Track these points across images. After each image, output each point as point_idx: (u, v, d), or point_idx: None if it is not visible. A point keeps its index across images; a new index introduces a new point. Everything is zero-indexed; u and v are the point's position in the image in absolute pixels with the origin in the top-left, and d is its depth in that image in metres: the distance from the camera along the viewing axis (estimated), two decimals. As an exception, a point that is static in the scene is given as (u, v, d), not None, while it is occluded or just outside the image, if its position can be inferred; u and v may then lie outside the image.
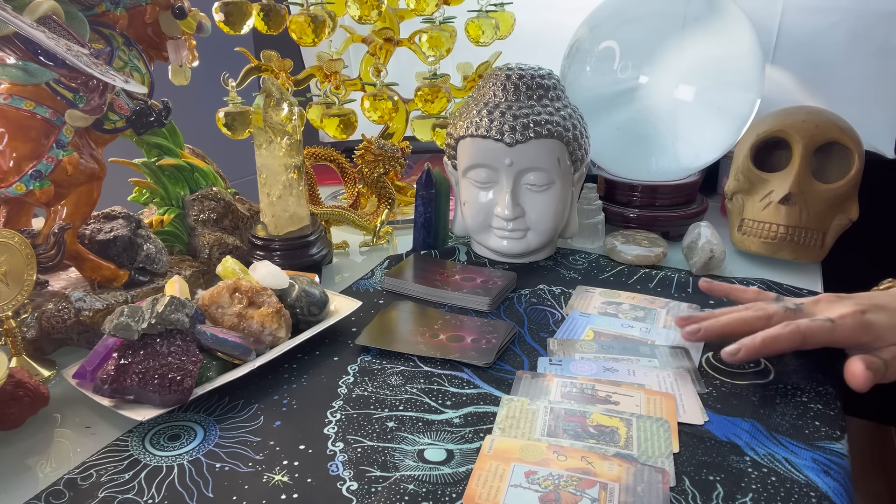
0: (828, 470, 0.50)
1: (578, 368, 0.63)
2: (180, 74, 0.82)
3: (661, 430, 0.53)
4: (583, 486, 0.48)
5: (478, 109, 0.82)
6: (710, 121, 0.96)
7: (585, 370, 0.63)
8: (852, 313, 0.57)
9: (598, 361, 0.64)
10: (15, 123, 0.65)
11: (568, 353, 0.66)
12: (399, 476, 0.50)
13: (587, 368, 0.63)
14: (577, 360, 0.64)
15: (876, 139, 1.05)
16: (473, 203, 0.85)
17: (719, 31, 0.95)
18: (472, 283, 0.79)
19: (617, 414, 0.56)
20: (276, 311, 0.64)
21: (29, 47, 0.58)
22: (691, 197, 0.99)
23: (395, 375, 0.63)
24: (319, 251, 0.84)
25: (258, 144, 0.80)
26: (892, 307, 0.58)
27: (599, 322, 0.72)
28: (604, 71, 1.01)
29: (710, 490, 0.48)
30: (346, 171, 1.04)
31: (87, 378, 0.58)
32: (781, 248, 0.85)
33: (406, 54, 1.06)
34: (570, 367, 0.63)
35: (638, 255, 0.86)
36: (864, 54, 1.03)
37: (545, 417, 0.55)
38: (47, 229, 0.67)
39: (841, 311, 0.58)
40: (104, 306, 0.68)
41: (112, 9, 0.72)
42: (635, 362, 0.64)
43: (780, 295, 0.67)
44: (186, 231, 0.86)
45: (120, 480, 0.50)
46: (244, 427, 0.56)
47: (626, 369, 0.63)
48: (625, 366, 0.63)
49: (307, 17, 0.94)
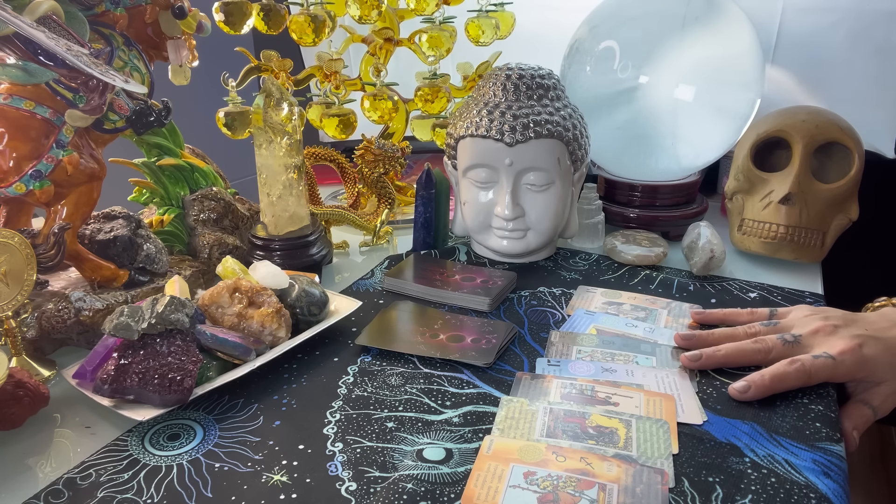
0: (828, 471, 0.50)
1: (576, 369, 0.63)
2: (180, 74, 0.82)
3: (660, 432, 0.53)
4: (581, 486, 0.48)
5: (478, 109, 0.82)
6: (710, 121, 0.96)
7: (583, 371, 0.62)
8: (851, 349, 0.58)
9: (595, 362, 0.64)
10: (15, 123, 0.65)
11: (567, 347, 0.66)
12: (398, 476, 0.50)
13: (585, 369, 0.63)
14: (574, 361, 0.64)
15: (876, 139, 1.05)
16: (473, 203, 0.85)
17: (719, 30, 0.95)
18: (472, 283, 0.79)
19: (616, 415, 0.56)
20: (276, 311, 0.64)
21: (29, 47, 0.58)
22: (691, 197, 0.99)
23: (394, 376, 0.63)
24: (319, 251, 0.84)
25: (258, 144, 0.80)
26: (884, 339, 0.59)
27: (604, 320, 0.72)
28: (604, 71, 1.01)
29: (710, 491, 0.48)
30: (346, 171, 1.04)
31: (87, 378, 0.58)
32: (781, 248, 0.85)
33: (406, 54, 1.06)
34: (569, 367, 0.63)
35: (638, 255, 0.86)
36: (864, 54, 1.03)
37: (544, 418, 0.55)
38: (47, 229, 0.67)
39: (840, 346, 0.58)
40: (104, 306, 0.68)
41: (112, 9, 0.72)
42: (633, 362, 0.64)
43: (773, 309, 0.68)
44: (186, 231, 0.86)
45: (119, 480, 0.50)
46: (244, 427, 0.56)
47: (624, 370, 0.63)
48: (623, 366, 0.63)
49: (307, 17, 0.94)
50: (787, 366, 0.58)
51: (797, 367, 0.58)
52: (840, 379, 0.59)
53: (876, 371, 0.58)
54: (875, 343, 0.59)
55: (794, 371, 0.58)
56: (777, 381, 0.58)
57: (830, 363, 0.58)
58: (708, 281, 0.82)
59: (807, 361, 0.58)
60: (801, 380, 0.58)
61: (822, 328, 0.61)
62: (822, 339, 0.60)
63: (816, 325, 0.61)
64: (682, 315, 0.73)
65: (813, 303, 0.76)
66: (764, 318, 0.67)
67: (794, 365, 0.58)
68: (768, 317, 0.67)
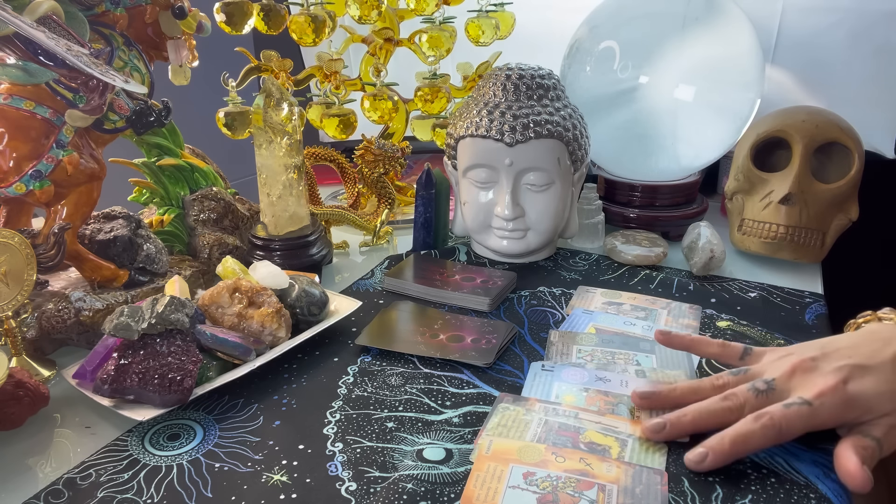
0: (828, 472, 0.50)
1: (570, 375, 0.61)
2: (180, 74, 0.82)
3: (656, 455, 0.51)
4: (581, 487, 0.47)
5: (478, 109, 0.82)
6: (710, 121, 0.96)
7: (577, 377, 0.61)
8: (832, 388, 0.48)
9: (589, 370, 0.62)
10: (15, 123, 0.65)
11: (567, 347, 0.66)
12: (398, 476, 0.50)
13: (579, 376, 0.61)
14: (569, 367, 0.63)
15: (876, 139, 1.05)
16: (473, 203, 0.85)
17: (719, 31, 0.95)
18: (472, 283, 0.79)
19: (613, 433, 0.53)
20: (276, 311, 0.64)
21: (29, 47, 0.58)
22: (691, 197, 0.99)
23: (394, 376, 0.63)
24: (319, 251, 0.84)
25: (258, 144, 0.80)
26: (874, 365, 0.50)
27: (602, 319, 0.72)
28: (604, 71, 1.01)
29: (710, 491, 0.48)
30: (346, 171, 1.04)
31: (87, 378, 0.58)
32: (781, 248, 0.85)
33: (406, 54, 1.06)
34: (562, 373, 0.62)
35: (638, 255, 0.86)
36: (864, 54, 1.03)
37: (537, 430, 0.54)
38: (47, 229, 0.67)
39: (819, 386, 0.49)
40: (104, 306, 0.68)
41: (112, 9, 0.72)
42: (634, 361, 0.64)
43: (749, 347, 0.58)
44: (186, 231, 0.86)
45: (119, 480, 0.50)
46: (244, 427, 0.56)
47: (618, 379, 0.61)
48: (618, 376, 0.61)
49: (307, 17, 0.94)
50: (751, 423, 0.48)
51: (763, 423, 0.48)
52: (822, 426, 0.49)
53: (871, 407, 0.49)
54: (862, 374, 0.49)
55: (759, 428, 0.48)
56: (740, 445, 0.48)
57: (806, 410, 0.48)
58: (708, 281, 0.82)
59: (776, 414, 0.48)
60: (769, 438, 0.48)
61: (797, 366, 0.51)
62: (799, 380, 0.50)
63: (791, 365, 0.51)
64: (681, 315, 0.73)
65: (812, 302, 0.76)
66: (737, 354, 0.57)
67: (761, 420, 0.48)
68: (741, 355, 0.57)
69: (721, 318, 0.73)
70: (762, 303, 0.76)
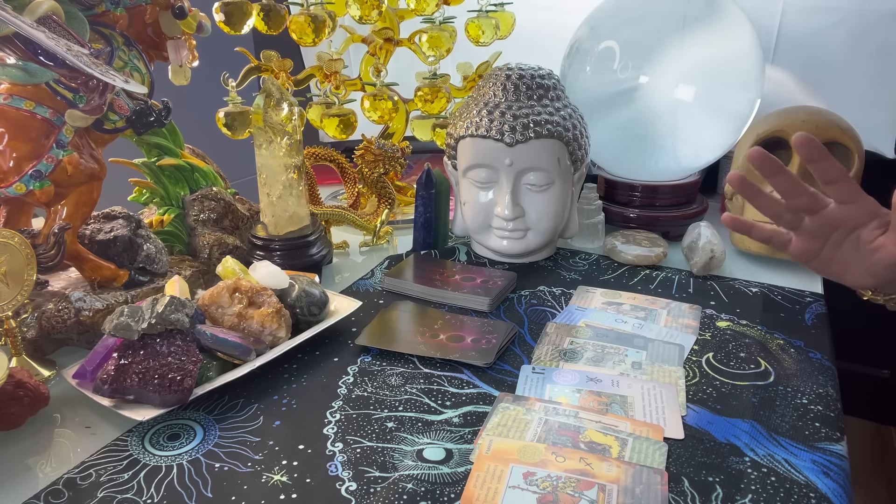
0: (827, 471, 0.50)
1: (561, 378, 0.61)
2: (180, 74, 0.82)
3: (656, 454, 0.52)
4: (581, 487, 0.47)
5: (478, 109, 0.82)
6: (711, 121, 0.96)
7: (568, 380, 0.61)
8: None
9: (580, 371, 0.62)
10: (15, 123, 0.65)
11: (561, 339, 0.66)
12: (398, 476, 0.50)
13: (570, 378, 0.61)
14: (559, 370, 0.63)
15: (876, 139, 1.05)
16: (473, 203, 0.85)
17: (719, 31, 0.95)
18: (472, 283, 0.79)
19: (613, 432, 0.54)
20: (276, 311, 0.64)
21: (29, 47, 0.58)
22: (691, 197, 0.99)
23: (394, 376, 0.63)
24: (319, 251, 0.84)
25: (258, 144, 0.80)
26: None
27: (594, 316, 0.72)
28: (604, 71, 1.01)
29: (710, 491, 0.48)
30: (346, 171, 1.04)
31: (87, 378, 0.58)
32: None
33: (406, 54, 1.06)
34: (553, 376, 0.62)
35: (638, 255, 0.86)
36: (864, 54, 1.03)
37: (537, 429, 0.54)
38: (47, 229, 0.67)
39: None
40: (104, 306, 0.68)
41: (112, 9, 0.72)
42: (622, 364, 0.63)
43: None
44: (186, 231, 0.86)
45: (119, 480, 0.50)
46: (244, 427, 0.56)
47: (609, 379, 0.61)
48: (609, 376, 0.61)
49: (307, 17, 0.94)
50: None
51: None
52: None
53: None
54: None
55: None
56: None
57: None
58: (708, 281, 0.82)
59: None
60: None
61: None
62: None
63: None
64: (681, 315, 0.73)
65: (812, 302, 0.76)
66: None
67: None
68: None
69: (721, 318, 0.73)
70: (762, 303, 0.76)
